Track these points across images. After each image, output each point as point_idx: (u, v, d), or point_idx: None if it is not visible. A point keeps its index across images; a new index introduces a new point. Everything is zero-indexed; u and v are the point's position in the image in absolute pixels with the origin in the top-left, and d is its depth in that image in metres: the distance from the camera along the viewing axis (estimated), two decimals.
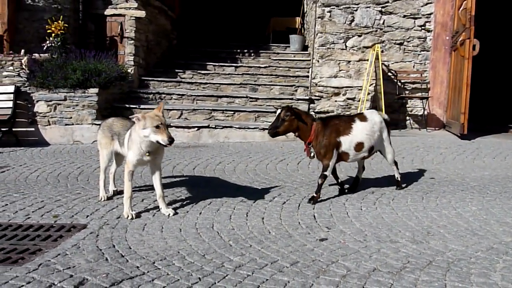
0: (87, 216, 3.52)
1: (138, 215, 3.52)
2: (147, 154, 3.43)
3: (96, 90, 7.37)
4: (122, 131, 3.75)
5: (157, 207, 3.69)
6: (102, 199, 3.95)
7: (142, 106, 7.92)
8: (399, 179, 4.39)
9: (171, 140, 3.23)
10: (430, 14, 7.99)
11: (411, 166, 5.44)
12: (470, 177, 4.93)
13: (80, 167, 5.40)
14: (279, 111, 3.87)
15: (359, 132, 4.00)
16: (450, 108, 7.83)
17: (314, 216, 3.57)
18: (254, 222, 3.41)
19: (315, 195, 3.95)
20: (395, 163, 4.38)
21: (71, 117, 7.32)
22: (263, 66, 9.90)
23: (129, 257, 2.71)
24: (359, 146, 4.00)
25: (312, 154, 3.98)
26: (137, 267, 2.57)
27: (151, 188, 4.32)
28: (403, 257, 2.77)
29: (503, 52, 11.51)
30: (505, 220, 3.50)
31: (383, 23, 8.09)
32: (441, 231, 3.26)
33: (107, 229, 3.22)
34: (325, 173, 3.95)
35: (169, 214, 3.54)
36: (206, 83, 9.01)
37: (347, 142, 3.96)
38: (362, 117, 4.11)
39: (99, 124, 7.15)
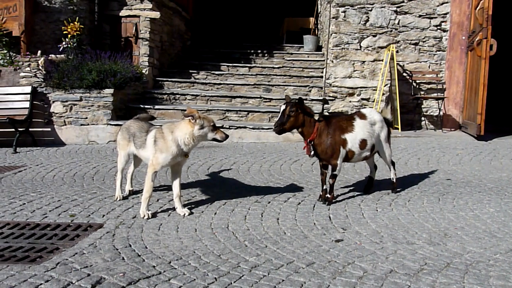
0: (103, 215, 3.55)
1: (153, 215, 3.54)
2: (185, 155, 3.54)
3: (111, 90, 7.44)
4: (138, 133, 3.78)
5: (172, 207, 3.71)
6: (118, 199, 3.98)
7: (156, 107, 7.98)
8: (394, 180, 4.27)
9: (227, 136, 3.57)
10: (446, 13, 7.90)
11: (427, 167, 5.38)
12: (487, 179, 4.86)
13: (96, 167, 5.45)
14: (283, 107, 3.75)
15: (361, 129, 3.92)
16: (466, 108, 7.72)
17: (330, 217, 3.55)
18: (269, 222, 3.41)
19: (329, 195, 3.91)
20: (393, 164, 4.26)
21: (86, 118, 7.40)
22: (276, 66, 9.89)
23: (145, 256, 2.73)
24: (363, 144, 3.91)
25: (312, 153, 3.88)
26: (154, 266, 2.58)
27: (166, 188, 4.35)
28: (420, 259, 2.74)
29: None
30: None
31: (398, 23, 8.02)
32: (459, 233, 3.22)
33: (123, 228, 3.24)
34: (334, 172, 3.88)
35: (184, 214, 3.56)
36: (220, 84, 9.04)
37: (351, 140, 3.88)
38: (361, 115, 4.01)
39: (114, 125, 7.28)
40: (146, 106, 7.99)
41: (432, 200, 4.05)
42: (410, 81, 8.10)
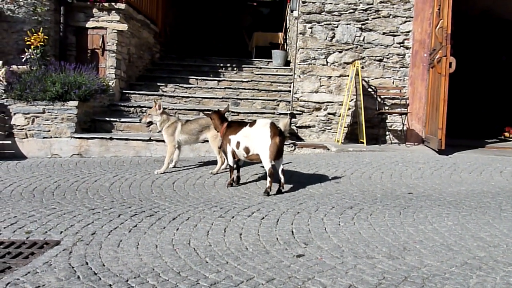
0: (61, 232, 3.45)
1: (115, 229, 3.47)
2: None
3: (75, 103, 7.30)
4: None
5: (133, 223, 3.65)
6: None
7: (122, 119, 7.87)
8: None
9: None
10: (409, 31, 8.15)
11: (390, 181, 5.49)
12: (447, 192, 4.99)
13: (57, 181, 5.30)
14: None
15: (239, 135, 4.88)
16: (429, 123, 7.94)
17: (292, 232, 3.56)
18: (231, 238, 3.39)
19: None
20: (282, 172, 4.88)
21: (49, 130, 7.22)
22: (245, 80, 9.94)
23: (102, 274, 2.66)
24: (237, 145, 4.90)
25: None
26: (110, 285, 2.52)
27: (124, 203, 4.27)
28: (379, 273, 2.77)
29: (480, 69, 11.79)
30: (479, 235, 3.55)
31: (363, 40, 8.22)
32: (417, 247, 3.28)
33: (81, 245, 3.16)
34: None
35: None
36: (188, 97, 9.00)
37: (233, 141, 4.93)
38: (251, 124, 4.89)
39: (78, 138, 7.11)
40: (112, 119, 7.87)
41: (394, 214, 4.12)
42: (375, 96, 8.28)
